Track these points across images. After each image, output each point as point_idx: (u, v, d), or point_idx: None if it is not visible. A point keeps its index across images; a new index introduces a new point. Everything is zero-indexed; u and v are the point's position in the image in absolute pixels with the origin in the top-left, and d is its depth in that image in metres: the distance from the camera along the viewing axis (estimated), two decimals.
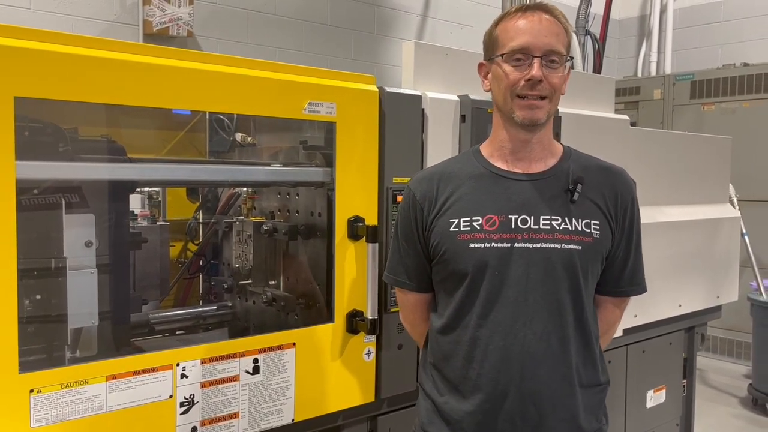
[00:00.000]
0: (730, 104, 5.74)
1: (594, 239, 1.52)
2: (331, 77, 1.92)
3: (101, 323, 1.73)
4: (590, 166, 1.60)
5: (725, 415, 4.64)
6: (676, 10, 6.83)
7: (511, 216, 1.50)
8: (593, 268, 1.54)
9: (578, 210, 1.52)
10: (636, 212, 1.62)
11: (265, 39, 4.65)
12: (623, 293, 1.65)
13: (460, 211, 1.53)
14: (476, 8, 5.79)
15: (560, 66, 1.50)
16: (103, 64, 1.51)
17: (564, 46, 1.51)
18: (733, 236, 3.55)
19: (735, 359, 5.78)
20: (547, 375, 1.49)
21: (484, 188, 1.54)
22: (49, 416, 1.47)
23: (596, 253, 1.53)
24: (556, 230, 1.49)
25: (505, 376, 1.49)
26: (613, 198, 1.57)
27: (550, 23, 1.49)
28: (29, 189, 1.59)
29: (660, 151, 3.10)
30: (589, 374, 1.56)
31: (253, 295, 2.35)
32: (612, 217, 1.56)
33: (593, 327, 1.57)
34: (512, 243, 1.49)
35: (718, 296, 3.47)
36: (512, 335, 1.49)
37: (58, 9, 3.81)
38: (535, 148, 1.56)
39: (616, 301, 1.67)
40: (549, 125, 1.58)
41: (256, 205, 2.42)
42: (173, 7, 4.07)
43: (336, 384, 1.96)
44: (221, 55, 1.75)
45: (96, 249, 1.70)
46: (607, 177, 1.60)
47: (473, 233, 1.50)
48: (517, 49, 1.48)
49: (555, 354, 1.50)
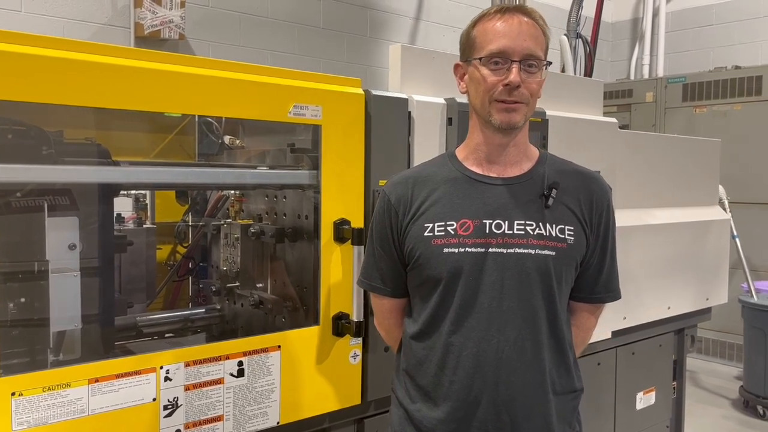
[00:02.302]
0: (722, 107, 5.76)
1: (568, 245, 1.50)
2: (316, 80, 1.93)
3: (86, 326, 1.73)
4: (566, 171, 1.59)
5: (716, 416, 4.65)
6: (668, 14, 6.87)
7: (485, 221, 1.48)
8: (567, 275, 1.52)
9: (553, 215, 1.51)
10: (611, 218, 1.60)
11: (257, 41, 4.65)
12: (598, 300, 1.64)
13: (435, 216, 1.51)
14: (469, 11, 5.80)
15: (538, 71, 1.48)
16: (83, 67, 1.51)
17: (543, 50, 1.50)
18: (722, 238, 3.56)
19: (727, 361, 5.79)
20: (521, 382, 1.47)
21: (459, 192, 1.53)
22: (31, 419, 1.47)
23: (570, 259, 1.51)
24: (531, 235, 1.48)
25: (478, 384, 1.47)
26: (588, 203, 1.55)
27: (529, 26, 1.47)
28: (12, 192, 1.59)
29: (648, 154, 3.11)
30: (563, 381, 1.55)
31: (241, 298, 2.35)
32: (587, 223, 1.54)
33: (567, 333, 1.56)
34: (486, 248, 1.47)
35: (707, 298, 3.48)
36: (486, 341, 1.47)
37: (50, 12, 3.81)
38: (510, 152, 1.55)
39: (590, 308, 1.66)
40: (525, 129, 1.56)
41: (244, 208, 2.43)
42: (164, 10, 4.07)
43: (322, 387, 1.96)
44: (204, 58, 1.75)
45: (81, 252, 1.70)
46: (583, 182, 1.58)
47: (447, 238, 1.48)
48: (496, 52, 1.46)
49: (528, 361, 1.48)
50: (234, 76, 1.76)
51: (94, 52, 1.55)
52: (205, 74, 1.70)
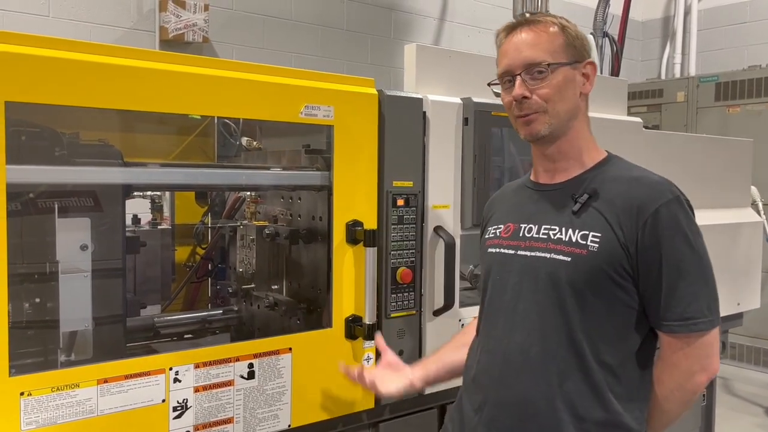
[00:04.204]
0: (756, 106, 5.60)
1: (590, 252, 1.39)
2: (328, 80, 1.91)
3: (98, 327, 1.74)
4: (619, 177, 1.47)
5: (749, 425, 4.52)
6: (700, 11, 6.71)
7: (521, 224, 1.54)
8: (593, 286, 1.39)
9: (581, 221, 1.43)
10: (666, 226, 1.37)
11: (281, 44, 4.66)
12: (668, 329, 1.39)
13: (495, 220, 1.64)
14: (494, 11, 5.74)
15: (548, 74, 1.44)
16: (98, 69, 1.52)
17: (550, 52, 1.44)
18: (754, 242, 3.45)
19: (761, 368, 5.61)
20: (525, 387, 1.42)
21: (515, 200, 1.63)
22: (40, 419, 1.47)
23: (594, 268, 1.38)
24: (551, 240, 1.45)
25: (488, 382, 1.50)
26: (628, 210, 1.39)
27: (528, 35, 1.46)
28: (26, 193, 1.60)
29: (676, 154, 3.03)
30: (588, 406, 1.38)
31: (257, 300, 2.35)
32: (624, 232, 1.38)
33: (605, 356, 1.39)
34: (516, 250, 1.51)
35: (738, 303, 3.37)
36: (498, 340, 1.49)
37: (76, 16, 3.87)
38: (556, 159, 1.53)
39: (670, 341, 1.41)
40: (571, 134, 1.49)
41: (260, 209, 2.42)
42: (188, 14, 4.10)
43: (334, 390, 1.94)
44: (215, 59, 1.75)
45: (93, 253, 1.70)
46: (630, 188, 1.43)
47: (494, 239, 1.58)
48: (502, 73, 1.51)
49: (534, 368, 1.42)
50: (244, 76, 1.75)
51: (110, 54, 1.56)
52: (214, 75, 1.70)
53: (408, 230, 2.05)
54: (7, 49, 1.42)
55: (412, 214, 2.06)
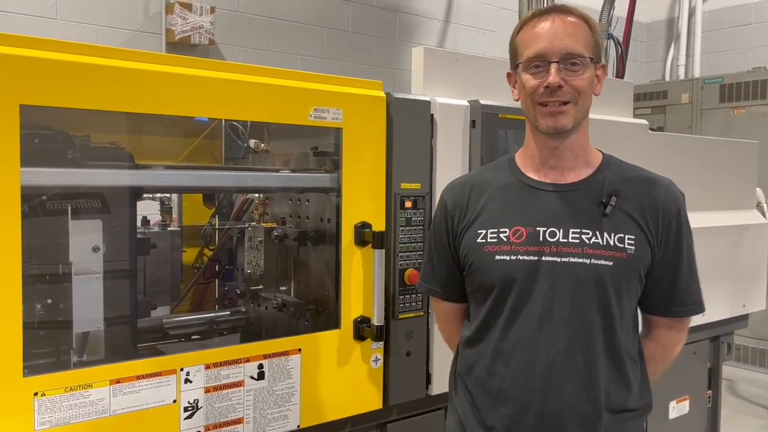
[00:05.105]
0: (761, 108, 5.60)
1: (628, 255, 1.42)
2: (337, 83, 1.92)
3: (110, 328, 1.75)
4: (632, 177, 1.51)
5: (755, 427, 4.51)
6: (705, 13, 6.71)
7: (539, 228, 1.45)
8: (629, 286, 1.44)
9: (611, 223, 1.43)
10: (684, 227, 1.49)
11: (286, 46, 4.68)
12: (674, 314, 1.53)
13: (488, 222, 1.50)
14: (498, 13, 5.76)
15: (582, 68, 1.42)
16: (109, 72, 1.54)
17: (586, 46, 1.43)
18: (759, 243, 3.45)
19: (767, 370, 5.61)
20: (571, 395, 1.42)
21: (513, 199, 1.51)
22: (53, 419, 1.49)
23: (631, 270, 1.44)
24: (586, 244, 1.42)
25: (526, 394, 1.43)
26: (653, 211, 1.46)
27: (567, 25, 1.42)
28: (39, 195, 1.62)
29: (681, 156, 3.03)
30: (621, 397, 1.46)
31: (265, 301, 2.36)
32: (652, 232, 1.45)
33: (629, 348, 1.47)
34: (539, 256, 1.44)
35: (744, 305, 3.37)
36: (535, 351, 1.43)
37: (84, 19, 3.89)
38: (566, 156, 1.49)
39: (667, 323, 1.55)
40: (582, 132, 1.50)
41: (269, 211, 2.44)
42: (195, 16, 4.12)
43: (342, 391, 1.95)
44: (224, 62, 1.76)
45: (104, 254, 1.72)
46: (649, 189, 1.49)
47: (500, 245, 1.47)
48: (533, 57, 1.43)
49: (580, 373, 1.42)
50: (253, 79, 1.76)
51: (120, 58, 1.58)
52: (224, 78, 1.71)
53: (416, 232, 2.06)
54: (21, 52, 1.44)
55: (420, 216, 2.07)
